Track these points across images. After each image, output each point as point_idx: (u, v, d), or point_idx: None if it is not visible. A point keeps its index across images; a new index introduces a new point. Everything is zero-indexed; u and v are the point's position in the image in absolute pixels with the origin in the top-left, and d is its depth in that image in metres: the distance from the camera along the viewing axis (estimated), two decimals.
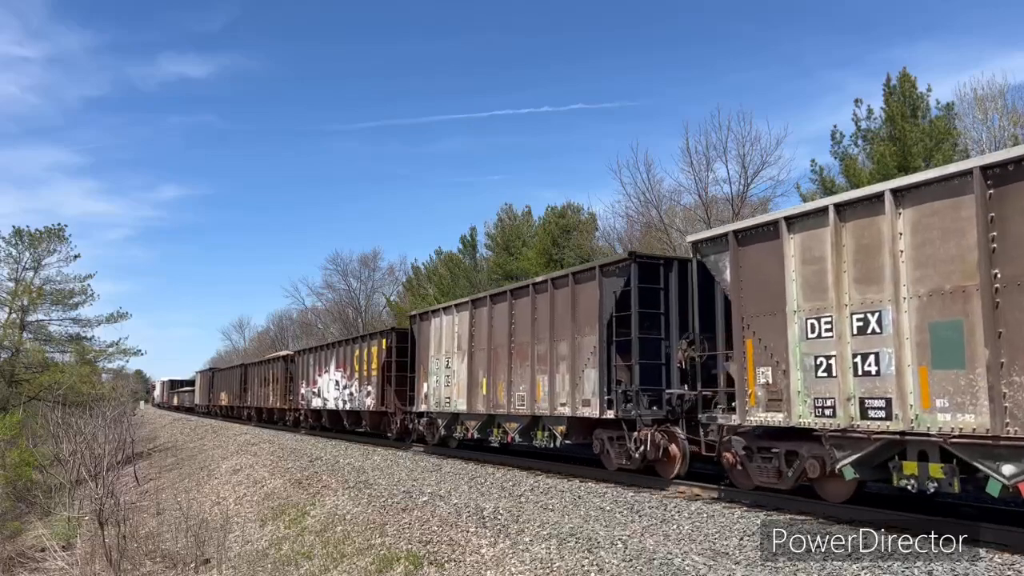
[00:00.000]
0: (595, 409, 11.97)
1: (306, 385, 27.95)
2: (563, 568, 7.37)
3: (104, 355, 43.09)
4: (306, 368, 28.18)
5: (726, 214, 27.47)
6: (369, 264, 62.72)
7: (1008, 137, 23.33)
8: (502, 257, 39.92)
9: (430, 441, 18.47)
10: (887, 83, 22.24)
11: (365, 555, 10.14)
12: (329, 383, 25.29)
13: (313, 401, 26.88)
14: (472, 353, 16.10)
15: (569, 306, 12.81)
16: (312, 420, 27.70)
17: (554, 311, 13.26)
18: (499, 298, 15.41)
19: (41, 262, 40.59)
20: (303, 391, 28.25)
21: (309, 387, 27.55)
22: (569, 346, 12.67)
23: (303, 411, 28.39)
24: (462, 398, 16.33)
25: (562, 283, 13.18)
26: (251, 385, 38.00)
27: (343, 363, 24.06)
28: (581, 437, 12.97)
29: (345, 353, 24.05)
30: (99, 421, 26.04)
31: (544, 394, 13.38)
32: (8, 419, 29.94)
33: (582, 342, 12.42)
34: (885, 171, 20.74)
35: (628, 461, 11.63)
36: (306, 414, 28.19)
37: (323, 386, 25.99)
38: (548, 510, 9.99)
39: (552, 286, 13.38)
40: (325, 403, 25.60)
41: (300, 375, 28.81)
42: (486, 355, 15.48)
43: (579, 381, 12.38)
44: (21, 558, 17.71)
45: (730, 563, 6.78)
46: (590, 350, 12.19)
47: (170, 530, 15.92)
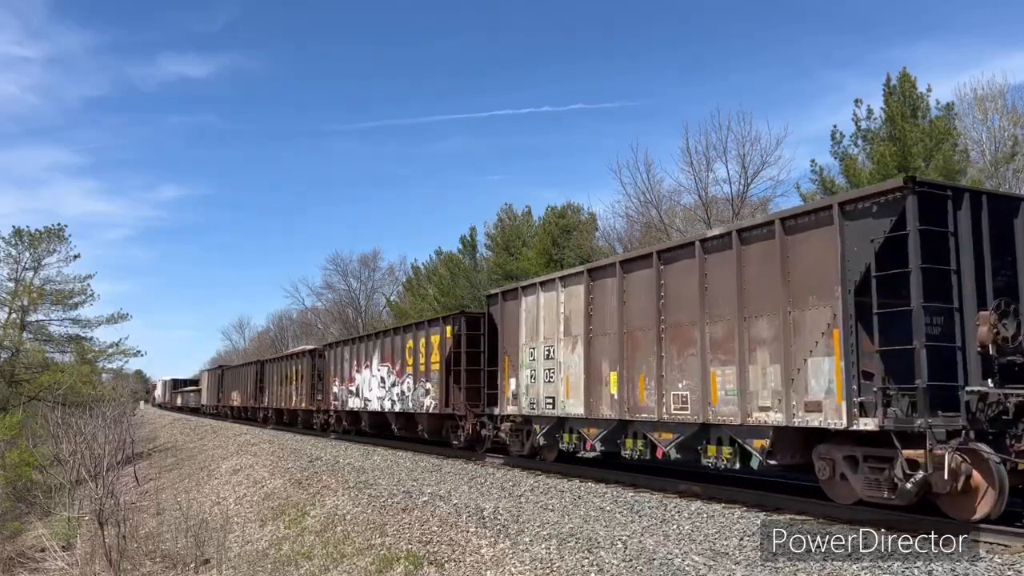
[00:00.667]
0: (833, 415, 8.26)
1: (340, 383, 24.45)
2: (563, 568, 7.37)
3: (104, 355, 43.12)
4: (339, 363, 24.63)
5: (726, 214, 27.49)
6: (369, 264, 62.82)
7: (1008, 137, 23.34)
8: (502, 257, 39.89)
9: (515, 451, 15.28)
10: (887, 83, 22.25)
11: (365, 555, 10.14)
12: (371, 380, 21.76)
13: (350, 401, 23.39)
14: (590, 339, 12.43)
15: (777, 267, 9.08)
16: (347, 423, 24.30)
17: (743, 276, 9.57)
18: (636, 264, 11.64)
19: (41, 262, 40.63)
20: (335, 390, 24.84)
21: (344, 385, 24.07)
22: (775, 324, 9.05)
23: (335, 413, 25.01)
24: (575, 398, 12.76)
25: (760, 235, 9.50)
26: (269, 384, 34.16)
27: (390, 356, 20.57)
28: (793, 455, 9.22)
29: (393, 345, 20.51)
30: (99, 421, 26.01)
31: (726, 393, 9.70)
32: (8, 419, 29.93)
33: (802, 318, 8.75)
34: (885, 171, 20.75)
35: (891, 494, 7.92)
36: (339, 416, 24.84)
37: (363, 384, 22.47)
38: (548, 510, 9.99)
39: (739, 241, 9.70)
40: (366, 404, 22.10)
41: (332, 371, 25.28)
42: (615, 341, 11.74)
43: (798, 375, 8.73)
44: (21, 558, 17.70)
45: (730, 563, 6.78)
46: (820, 329, 8.51)
47: (170, 530, 15.92)
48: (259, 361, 37.92)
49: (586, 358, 12.54)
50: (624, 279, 11.81)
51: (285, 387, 31.18)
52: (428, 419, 18.50)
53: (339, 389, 24.55)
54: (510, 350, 15.04)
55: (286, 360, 31.89)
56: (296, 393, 29.47)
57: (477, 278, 40.30)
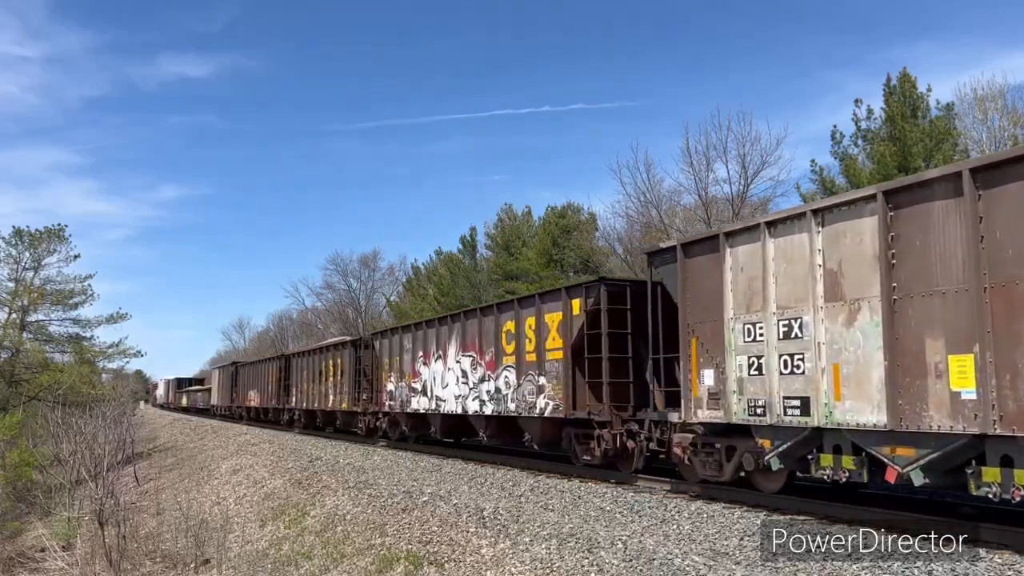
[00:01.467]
0: None
1: (397, 379, 20.02)
2: (563, 568, 7.37)
3: (104, 355, 43.17)
4: (395, 355, 20.28)
5: (726, 214, 27.50)
6: (369, 264, 62.81)
7: (1008, 137, 23.35)
8: (502, 257, 39.92)
9: (705, 474, 10.27)
10: (887, 83, 22.28)
11: (365, 555, 10.14)
12: (445, 375, 17.39)
13: (413, 401, 18.92)
14: (897, 303, 7.69)
15: None
16: (407, 427, 19.86)
17: None
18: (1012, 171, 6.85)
19: (41, 262, 40.66)
20: (391, 387, 20.39)
21: (404, 381, 19.59)
22: None
23: (390, 415, 20.84)
24: (860, 399, 7.96)
25: None
26: (297, 381, 29.56)
27: (476, 343, 16.11)
28: None
29: (481, 329, 16.00)
30: (99, 421, 26.01)
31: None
32: (8, 419, 29.95)
33: None
34: (885, 171, 20.76)
35: None
36: (393, 419, 20.67)
37: (432, 379, 17.99)
38: (548, 510, 9.99)
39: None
40: (438, 404, 17.61)
41: (385, 365, 20.99)
42: (962, 302, 7.12)
43: None
44: (21, 558, 17.71)
45: (730, 563, 6.78)
46: None
47: (170, 530, 15.92)
48: (283, 355, 33.09)
49: (887, 334, 7.70)
50: (982, 197, 7.00)
51: (319, 385, 26.56)
52: (541, 425, 14.04)
53: (396, 386, 20.02)
54: (702, 328, 10.15)
55: (321, 353, 26.93)
56: (334, 392, 24.95)
57: (477, 278, 40.33)
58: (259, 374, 35.91)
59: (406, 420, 19.81)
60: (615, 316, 12.47)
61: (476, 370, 16.09)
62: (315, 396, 27.15)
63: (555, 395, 13.38)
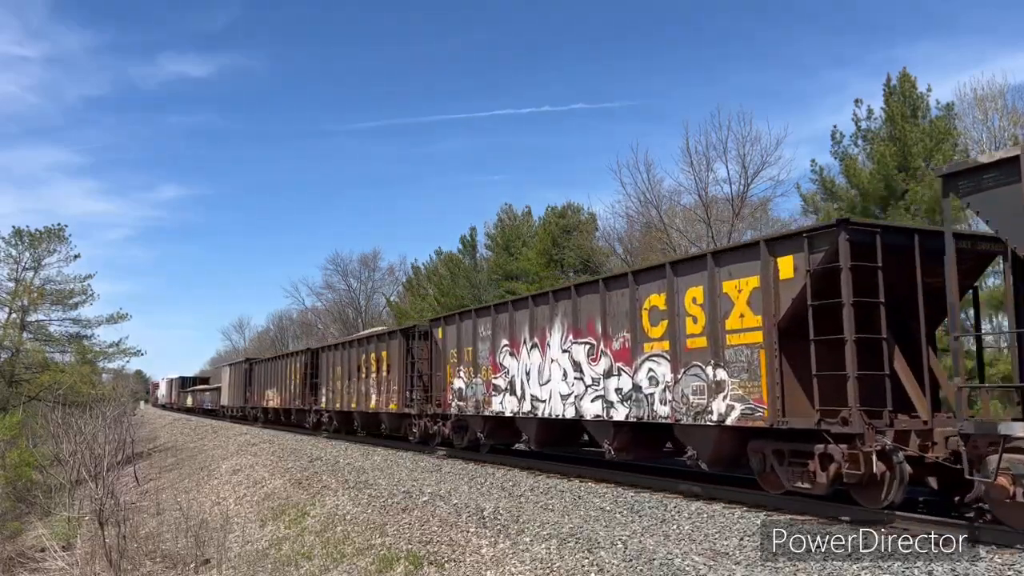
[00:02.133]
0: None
1: (468, 374, 16.42)
2: (563, 568, 7.37)
3: (104, 355, 43.18)
4: (466, 344, 16.60)
5: (726, 214, 27.51)
6: (369, 264, 62.88)
7: (1008, 137, 23.35)
8: (502, 257, 39.92)
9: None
10: (887, 83, 22.28)
11: (365, 555, 10.14)
12: (545, 369, 13.61)
13: (495, 402, 15.30)
14: None
15: None
16: (484, 433, 16.09)
17: None
18: None
19: (41, 262, 40.70)
20: (460, 385, 16.73)
21: (478, 377, 16.01)
22: None
23: (458, 418, 17.13)
24: None
25: None
26: (328, 379, 25.86)
27: (594, 326, 12.27)
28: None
29: (604, 306, 12.00)
30: (99, 421, 26.02)
31: None
32: (8, 419, 29.95)
33: None
34: (885, 171, 20.76)
35: None
36: (462, 424, 17.06)
37: (522, 374, 14.34)
38: (548, 510, 9.99)
39: None
40: (534, 406, 13.94)
41: (451, 358, 17.29)
42: None
43: None
44: (21, 558, 17.71)
45: (730, 563, 6.78)
46: None
47: (170, 530, 15.92)
48: (309, 349, 29.34)
49: None
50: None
51: (357, 383, 22.79)
52: (718, 437, 10.04)
53: (468, 383, 16.34)
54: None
55: (360, 346, 23.20)
56: (379, 391, 21.14)
57: (477, 278, 40.33)
58: (279, 371, 31.89)
59: (482, 425, 15.95)
60: (862, 278, 8.31)
61: (597, 362, 12.16)
62: (351, 396, 23.30)
63: (746, 395, 9.43)
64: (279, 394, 31.77)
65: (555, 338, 13.37)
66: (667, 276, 10.69)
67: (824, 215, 21.99)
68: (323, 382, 26.35)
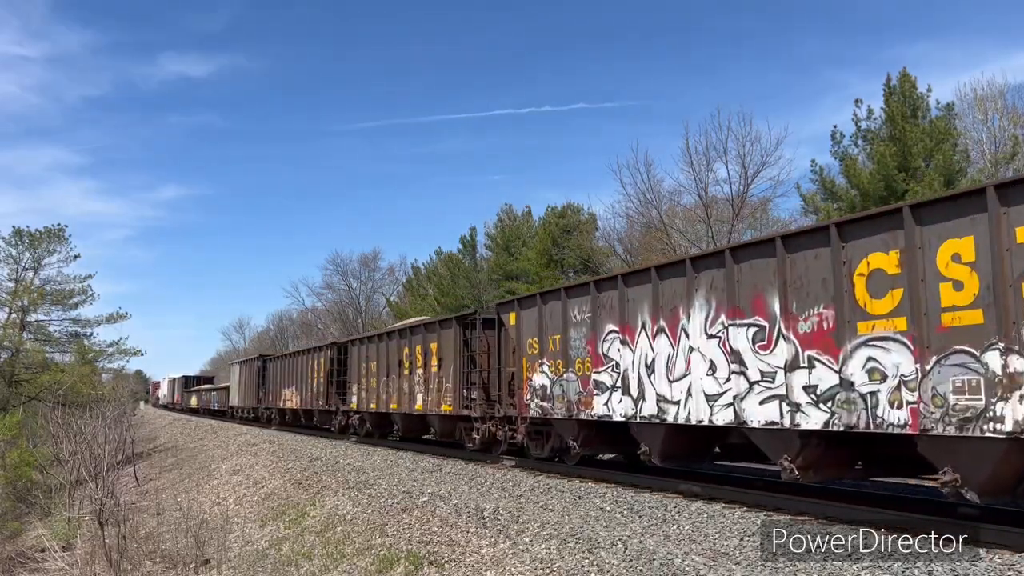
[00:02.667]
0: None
1: (555, 369, 12.94)
2: (563, 568, 7.37)
3: (104, 355, 43.16)
4: (550, 332, 13.21)
5: (726, 214, 27.52)
6: (369, 264, 62.91)
7: (1008, 137, 23.36)
8: (502, 257, 39.96)
9: None
10: (887, 83, 22.31)
11: (365, 555, 10.14)
12: (680, 359, 10.32)
13: (597, 403, 11.85)
14: None
15: None
16: (579, 441, 12.53)
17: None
18: None
19: (41, 262, 40.72)
20: (541, 381, 13.29)
21: (570, 372, 12.57)
22: None
23: (538, 422, 13.79)
24: None
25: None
26: (359, 376, 22.49)
27: (760, 301, 9.17)
28: None
29: (783, 273, 8.86)
30: (99, 421, 26.02)
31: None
32: (8, 419, 29.95)
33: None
34: (885, 171, 20.77)
35: None
36: (542, 429, 13.88)
37: (640, 367, 11.01)
38: (548, 510, 9.99)
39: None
40: (661, 409, 10.54)
41: (527, 349, 13.88)
42: None
43: None
44: (21, 558, 17.71)
45: (730, 563, 6.78)
46: None
47: (170, 530, 15.93)
48: (335, 343, 26.29)
49: None
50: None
51: (398, 380, 19.67)
52: (1007, 454, 6.78)
53: (552, 380, 13.01)
54: None
55: (401, 337, 19.79)
56: (425, 389, 18.01)
57: (477, 278, 40.37)
58: (299, 368, 28.84)
59: (575, 431, 12.50)
60: None
61: (771, 349, 9.00)
62: (390, 395, 20.11)
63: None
64: (298, 393, 28.81)
65: (696, 320, 10.01)
66: (903, 226, 7.50)
67: (824, 215, 22.00)
68: (353, 380, 23.13)
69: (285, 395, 30.77)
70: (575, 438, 12.61)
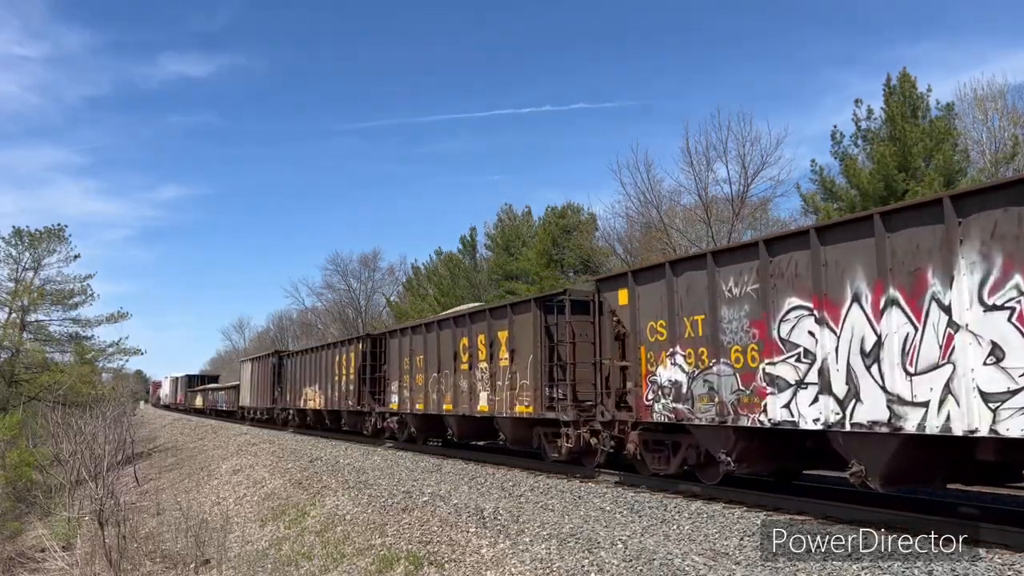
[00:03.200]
0: None
1: (695, 360, 10.02)
2: (563, 568, 7.37)
3: (104, 355, 43.15)
4: (684, 311, 10.29)
5: (726, 214, 27.52)
6: (369, 264, 62.89)
7: (1008, 137, 23.36)
8: (502, 257, 39.97)
9: None
10: (887, 83, 22.32)
11: (365, 555, 10.14)
12: (916, 344, 7.36)
13: (774, 405, 8.78)
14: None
15: None
16: (731, 456, 9.48)
17: None
18: None
19: (41, 262, 40.69)
20: (672, 376, 10.41)
21: (719, 364, 9.59)
22: None
23: (654, 428, 11.09)
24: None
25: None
26: (398, 372, 19.47)
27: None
28: None
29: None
30: (99, 421, 26.02)
31: None
32: (8, 419, 29.95)
33: None
34: (885, 171, 20.77)
35: None
36: (656, 439, 11.12)
37: (858, 354, 7.90)
38: (548, 510, 9.98)
39: None
40: (893, 415, 7.49)
41: (639, 337, 11.15)
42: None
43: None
44: (21, 558, 17.71)
45: (730, 563, 6.78)
46: None
47: (170, 530, 15.92)
48: (370, 336, 22.69)
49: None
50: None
51: (453, 377, 16.50)
52: None
53: (689, 375, 10.09)
54: None
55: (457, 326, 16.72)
56: (491, 388, 14.94)
57: (477, 278, 40.38)
58: (323, 365, 25.65)
59: (728, 441, 9.51)
60: None
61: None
62: (443, 394, 16.99)
63: None
64: (322, 393, 25.53)
65: (963, 285, 7.00)
66: None
67: (824, 215, 22.00)
68: (393, 376, 19.97)
69: (306, 394, 27.52)
70: (728, 450, 9.49)
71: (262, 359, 35.29)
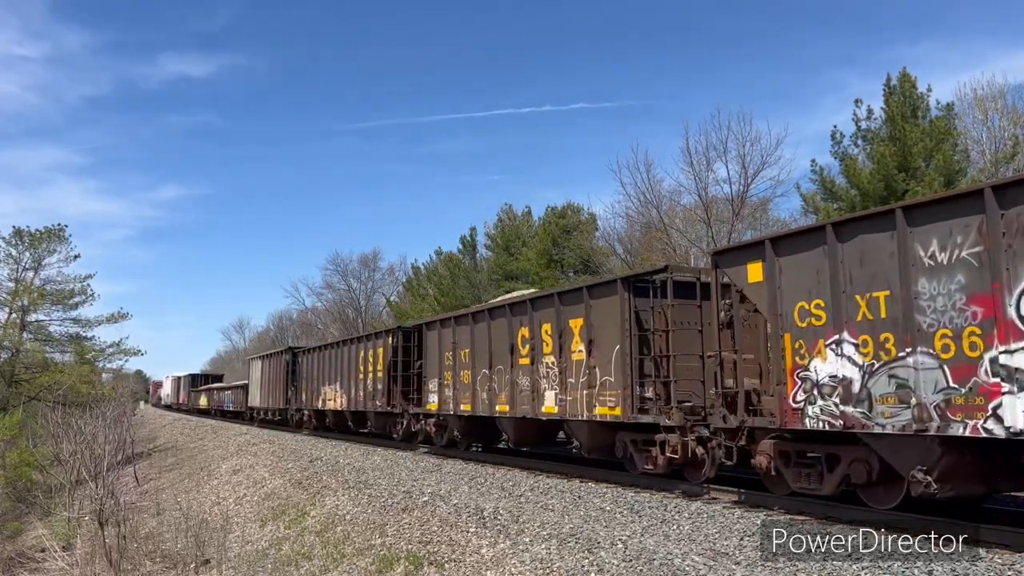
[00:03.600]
0: None
1: (873, 349, 7.66)
2: (563, 568, 7.37)
3: (104, 355, 43.13)
4: (852, 288, 7.92)
5: (726, 214, 27.51)
6: (369, 264, 62.87)
7: (1008, 137, 23.35)
8: (502, 257, 39.96)
9: None
10: (887, 83, 22.30)
11: (365, 555, 10.14)
12: None
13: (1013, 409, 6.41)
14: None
15: None
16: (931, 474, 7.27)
17: None
18: None
19: (41, 262, 40.67)
20: (832, 371, 8.05)
21: (916, 355, 7.21)
22: None
23: (802, 437, 8.79)
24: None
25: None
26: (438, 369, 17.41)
27: None
28: None
29: None
30: (99, 421, 26.02)
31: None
32: (8, 419, 29.96)
33: None
34: (885, 171, 20.77)
35: None
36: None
37: None
38: (548, 510, 9.98)
39: None
40: None
41: (779, 323, 8.75)
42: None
43: None
44: (21, 558, 17.71)
45: (730, 563, 6.77)
46: None
47: (170, 530, 15.92)
48: (400, 329, 20.05)
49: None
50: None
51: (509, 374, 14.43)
52: None
53: (863, 369, 7.79)
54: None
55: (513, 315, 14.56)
56: (561, 386, 12.90)
57: (477, 278, 40.35)
58: (344, 361, 23.40)
59: (930, 457, 7.37)
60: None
61: None
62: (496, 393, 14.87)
63: None
64: (344, 392, 23.31)
65: None
66: None
67: (824, 215, 22.00)
68: (432, 374, 17.84)
69: (325, 394, 25.05)
70: (927, 469, 7.34)
71: (274, 356, 32.75)
